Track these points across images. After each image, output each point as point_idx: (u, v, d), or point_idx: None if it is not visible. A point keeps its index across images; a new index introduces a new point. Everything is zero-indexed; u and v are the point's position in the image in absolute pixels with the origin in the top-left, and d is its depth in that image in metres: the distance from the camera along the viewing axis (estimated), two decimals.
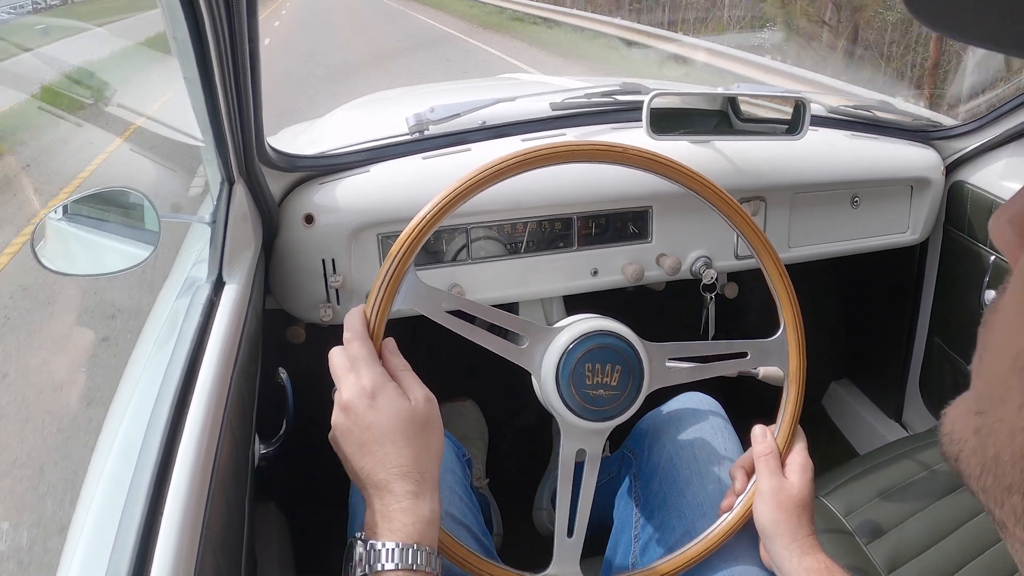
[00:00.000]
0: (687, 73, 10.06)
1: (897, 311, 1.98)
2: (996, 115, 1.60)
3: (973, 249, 1.69)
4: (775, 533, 1.00)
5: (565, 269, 1.43)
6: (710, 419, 1.25)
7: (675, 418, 1.26)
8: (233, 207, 1.10)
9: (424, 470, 0.86)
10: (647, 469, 1.22)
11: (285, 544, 1.72)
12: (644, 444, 1.26)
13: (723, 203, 1.05)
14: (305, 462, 1.43)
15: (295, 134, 1.94)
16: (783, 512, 1.00)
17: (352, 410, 0.86)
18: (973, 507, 1.34)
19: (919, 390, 1.98)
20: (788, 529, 0.99)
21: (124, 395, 0.90)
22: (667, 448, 1.21)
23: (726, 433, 1.24)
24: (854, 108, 1.68)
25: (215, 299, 1.04)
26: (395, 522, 0.82)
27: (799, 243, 1.59)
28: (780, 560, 0.99)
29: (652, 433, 1.26)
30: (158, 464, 0.76)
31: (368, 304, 0.94)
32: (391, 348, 0.93)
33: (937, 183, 1.67)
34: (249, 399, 1.04)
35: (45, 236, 0.99)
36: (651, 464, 1.22)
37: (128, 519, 0.70)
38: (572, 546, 1.05)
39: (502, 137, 1.43)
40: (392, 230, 1.33)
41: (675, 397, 1.30)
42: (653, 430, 1.26)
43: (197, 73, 0.92)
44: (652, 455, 1.22)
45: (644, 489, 1.21)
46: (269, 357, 1.23)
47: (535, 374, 1.03)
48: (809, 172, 1.53)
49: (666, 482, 1.18)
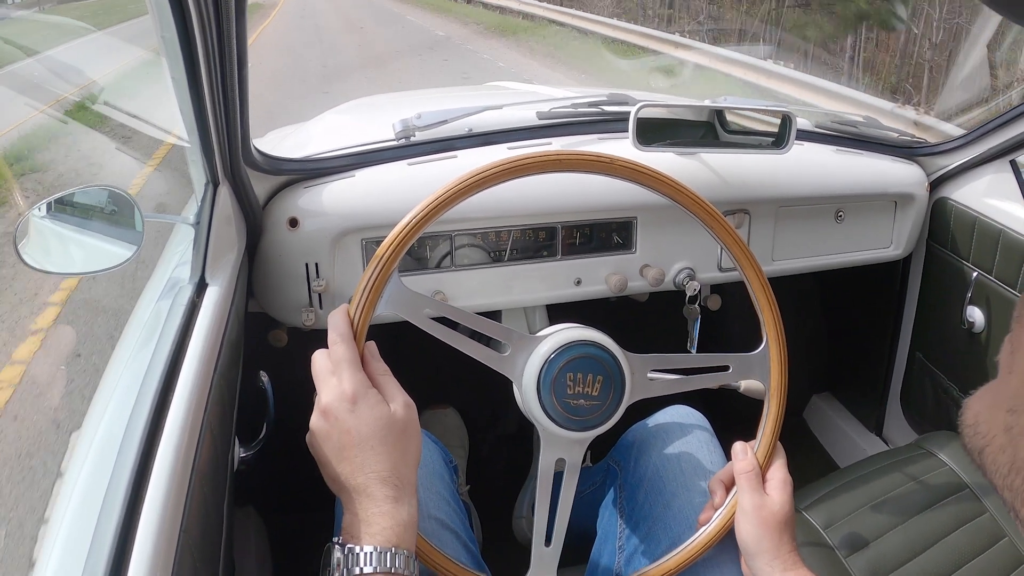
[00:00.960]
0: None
1: (879, 325, 1.99)
2: (981, 132, 1.61)
3: (956, 265, 1.70)
4: (757, 550, 1.00)
5: (548, 278, 1.43)
6: (696, 432, 1.25)
7: (661, 431, 1.26)
8: (217, 209, 1.09)
9: (402, 476, 0.86)
10: (632, 481, 1.22)
11: (264, 548, 1.71)
12: (630, 456, 1.26)
13: (707, 215, 1.06)
14: (285, 466, 1.42)
15: (281, 137, 1.94)
16: (765, 529, 1.00)
17: (332, 414, 0.86)
18: (952, 521, 1.35)
19: (900, 404, 1.99)
20: (770, 546, 0.99)
21: (104, 395, 0.90)
22: (653, 460, 1.21)
23: (712, 447, 1.24)
24: (840, 123, 1.69)
25: (197, 301, 1.03)
26: (374, 526, 0.82)
27: (783, 256, 1.60)
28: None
29: (638, 445, 1.26)
30: (137, 465, 0.75)
31: (351, 307, 0.93)
32: (372, 352, 0.93)
33: (921, 199, 1.68)
34: (229, 402, 1.03)
35: (28, 233, 0.98)
36: (636, 476, 1.22)
37: (105, 520, 0.70)
38: (550, 555, 1.05)
39: (488, 145, 1.43)
40: (376, 235, 1.33)
41: (661, 410, 1.30)
42: (639, 442, 1.26)
43: (184, 73, 0.91)
44: (638, 467, 1.22)
45: (629, 500, 1.21)
46: (250, 360, 1.23)
47: (516, 382, 1.03)
48: (794, 186, 1.54)
49: (652, 494, 1.17)
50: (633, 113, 1.30)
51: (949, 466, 1.44)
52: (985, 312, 1.64)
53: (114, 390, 0.89)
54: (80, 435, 0.85)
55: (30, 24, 7.02)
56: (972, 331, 1.67)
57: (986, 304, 1.64)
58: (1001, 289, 1.59)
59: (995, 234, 1.59)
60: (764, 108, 1.48)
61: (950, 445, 1.48)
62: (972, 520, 1.35)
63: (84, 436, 0.84)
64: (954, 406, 1.74)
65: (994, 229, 1.59)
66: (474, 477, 1.86)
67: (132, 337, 1.04)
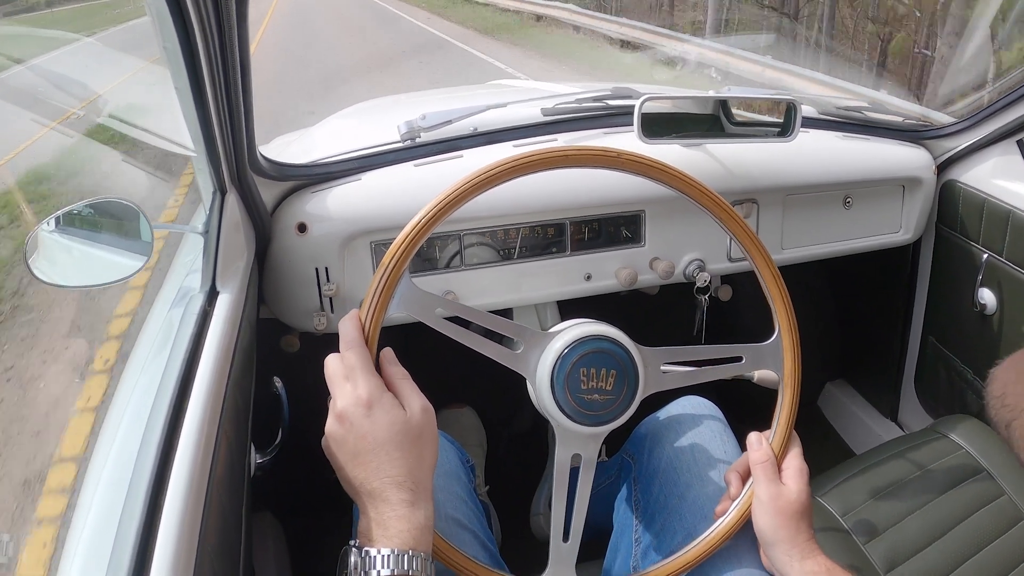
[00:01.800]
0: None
1: (891, 311, 1.99)
2: (986, 114, 1.61)
3: (966, 247, 1.70)
4: (775, 539, 1.00)
5: (559, 274, 1.43)
6: (709, 423, 1.25)
7: (674, 422, 1.26)
8: (225, 217, 1.10)
9: (418, 480, 0.86)
10: (647, 473, 1.22)
11: (282, 553, 1.71)
12: (643, 448, 1.26)
13: (715, 206, 1.05)
14: (301, 471, 1.43)
15: (287, 143, 1.94)
16: (782, 518, 1.00)
17: (347, 419, 0.86)
18: (970, 504, 1.34)
19: (914, 389, 1.98)
20: (788, 535, 0.99)
21: (119, 406, 0.90)
22: (667, 452, 1.21)
23: (725, 437, 1.23)
24: (845, 109, 1.68)
25: (209, 309, 1.04)
26: (390, 529, 0.82)
27: (792, 244, 1.60)
28: (781, 565, 0.99)
29: (651, 437, 1.25)
30: (154, 474, 0.76)
31: (362, 311, 0.93)
32: (390, 358, 0.93)
33: (929, 182, 1.67)
34: (244, 409, 1.03)
35: (38, 248, 0.98)
36: (651, 468, 1.21)
37: (125, 529, 0.70)
38: (568, 550, 1.04)
39: (494, 143, 1.43)
40: (385, 238, 1.33)
41: (673, 401, 1.30)
42: (652, 434, 1.26)
43: (188, 83, 0.92)
44: (652, 459, 1.22)
45: (644, 493, 1.21)
46: (264, 366, 1.23)
47: (530, 379, 1.03)
48: (801, 173, 1.54)
49: (667, 486, 1.17)
50: (638, 106, 1.30)
51: (965, 449, 1.44)
52: (997, 294, 1.63)
53: (129, 400, 0.89)
54: (98, 445, 0.86)
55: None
56: (984, 313, 1.66)
57: (997, 286, 1.63)
58: (1012, 270, 1.58)
59: (1004, 215, 1.58)
60: (769, 97, 1.48)
61: (966, 428, 1.48)
62: (990, 503, 1.35)
63: (101, 446, 0.84)
64: (968, 389, 1.73)
65: (1003, 210, 1.58)
66: (492, 476, 1.87)
67: (145, 347, 1.05)
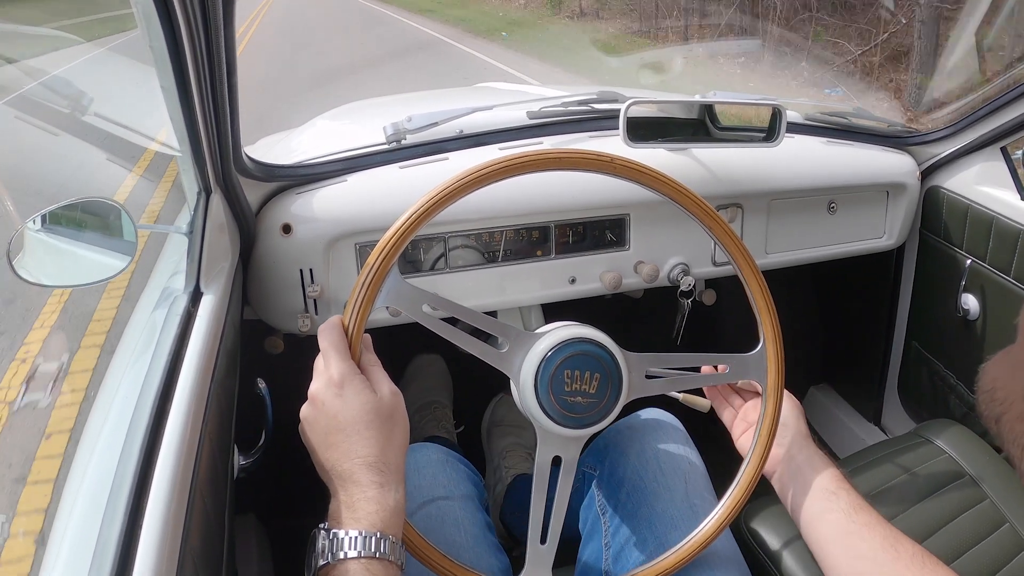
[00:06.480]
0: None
1: (875, 315, 2.00)
2: (970, 120, 1.62)
3: (949, 253, 1.71)
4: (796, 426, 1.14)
5: (543, 277, 1.43)
6: (671, 433, 1.26)
7: (636, 433, 1.26)
8: (210, 217, 1.09)
9: (389, 461, 0.86)
10: (612, 482, 1.22)
11: (265, 555, 1.70)
12: (604, 459, 1.26)
13: (700, 210, 1.05)
14: (285, 472, 1.42)
15: (272, 143, 1.94)
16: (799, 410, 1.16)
17: (319, 400, 0.87)
18: (953, 508, 1.35)
19: (898, 394, 1.99)
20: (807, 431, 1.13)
21: (102, 407, 0.89)
22: (631, 462, 1.21)
23: (687, 448, 1.25)
24: (830, 114, 1.69)
25: (192, 310, 1.03)
26: (359, 511, 0.82)
27: (776, 249, 1.60)
28: (810, 453, 1.12)
29: (613, 447, 1.25)
30: (137, 476, 0.75)
31: (345, 314, 0.93)
32: (365, 344, 0.95)
33: (913, 188, 1.68)
34: (228, 411, 1.03)
35: (23, 247, 0.98)
36: (616, 478, 1.21)
37: (107, 532, 0.70)
38: (545, 552, 1.04)
39: (480, 146, 1.43)
40: (370, 239, 1.32)
41: (632, 414, 1.30)
42: (612, 445, 1.26)
43: (174, 82, 0.91)
44: (616, 470, 1.22)
45: (610, 500, 1.21)
46: (247, 368, 1.23)
47: (514, 379, 1.03)
48: (786, 178, 1.54)
49: (633, 493, 1.18)
50: (623, 110, 1.30)
51: (948, 454, 1.44)
52: (980, 299, 1.64)
53: (112, 401, 0.89)
54: (80, 446, 0.85)
55: None
56: (967, 318, 1.67)
57: (980, 291, 1.64)
58: (995, 276, 1.59)
59: (988, 221, 1.59)
60: (754, 102, 1.48)
61: (949, 433, 1.48)
62: (972, 507, 1.36)
63: (84, 448, 0.84)
64: (952, 394, 1.74)
65: (986, 216, 1.59)
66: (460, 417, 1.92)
67: (129, 348, 1.04)
